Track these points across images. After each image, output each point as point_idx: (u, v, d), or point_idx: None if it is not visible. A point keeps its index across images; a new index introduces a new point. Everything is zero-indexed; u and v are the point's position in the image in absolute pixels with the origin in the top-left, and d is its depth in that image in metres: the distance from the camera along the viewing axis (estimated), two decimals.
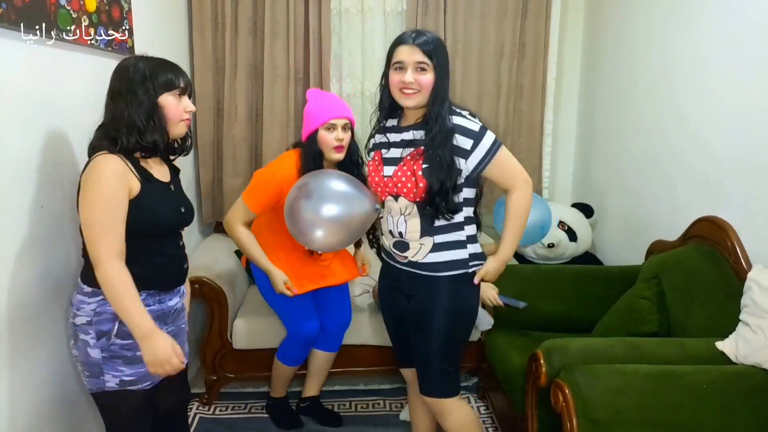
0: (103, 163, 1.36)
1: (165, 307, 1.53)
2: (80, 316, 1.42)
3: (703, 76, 2.12)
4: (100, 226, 1.34)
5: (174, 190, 1.58)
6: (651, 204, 2.48)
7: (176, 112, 1.47)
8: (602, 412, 1.52)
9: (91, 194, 1.35)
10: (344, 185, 1.72)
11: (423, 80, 1.55)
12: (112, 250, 1.34)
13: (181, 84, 1.47)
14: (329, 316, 2.33)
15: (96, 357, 1.42)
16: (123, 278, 1.34)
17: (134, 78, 1.40)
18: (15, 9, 1.40)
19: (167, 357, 1.37)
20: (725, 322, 1.73)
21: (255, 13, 2.84)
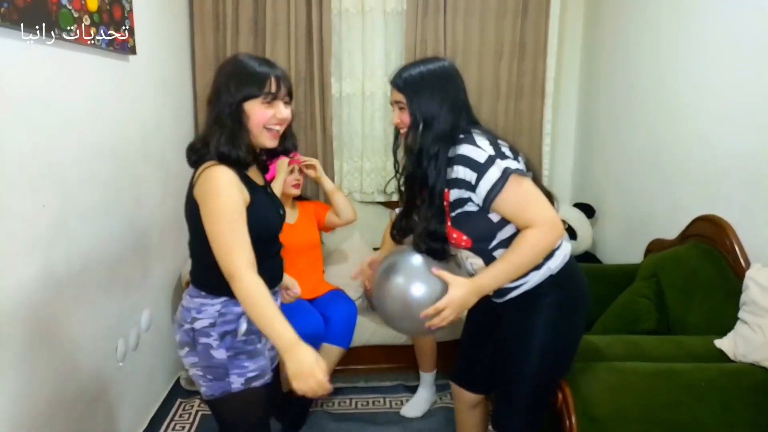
0: (219, 175, 1.30)
1: None
2: (201, 320, 1.38)
3: (703, 75, 2.13)
4: (230, 238, 1.28)
5: (270, 192, 1.53)
6: (650, 203, 2.49)
7: (260, 119, 1.35)
8: (601, 409, 1.53)
9: (213, 208, 1.29)
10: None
11: (404, 118, 1.45)
12: (245, 261, 1.28)
13: (270, 89, 1.34)
14: (332, 309, 2.39)
15: (221, 358, 1.38)
16: (262, 289, 1.28)
17: (225, 78, 1.34)
18: (17, 8, 1.41)
19: (312, 370, 1.26)
20: (724, 321, 1.73)
21: (256, 13, 2.84)
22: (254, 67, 1.34)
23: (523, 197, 1.36)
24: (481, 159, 1.35)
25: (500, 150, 1.38)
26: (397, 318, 1.52)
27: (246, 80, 1.33)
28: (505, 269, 1.39)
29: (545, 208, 1.38)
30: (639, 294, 2.03)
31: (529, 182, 1.39)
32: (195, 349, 1.40)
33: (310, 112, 2.94)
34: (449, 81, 1.44)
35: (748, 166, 1.87)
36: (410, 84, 1.44)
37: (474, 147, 1.37)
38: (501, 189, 1.34)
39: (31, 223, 1.53)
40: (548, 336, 1.46)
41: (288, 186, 2.37)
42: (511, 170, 1.34)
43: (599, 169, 3.01)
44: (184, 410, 2.47)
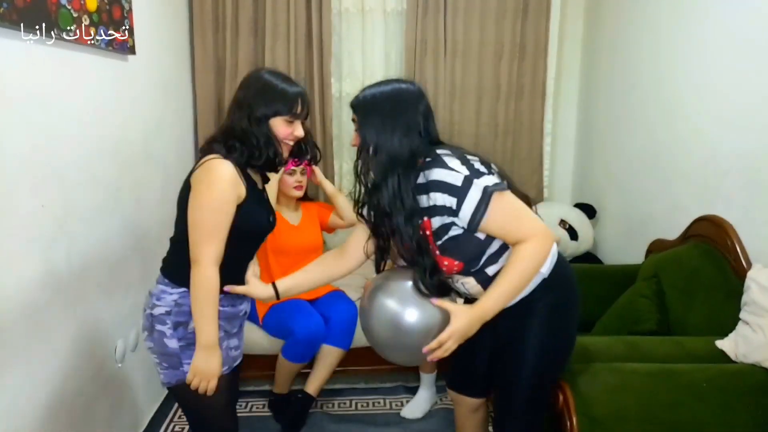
0: (218, 168, 1.36)
1: (236, 310, 1.55)
2: (159, 306, 1.44)
3: (703, 75, 2.12)
4: (207, 229, 1.35)
5: (265, 199, 1.59)
6: (650, 203, 2.48)
7: (281, 135, 1.45)
8: (602, 410, 1.52)
9: (204, 196, 1.36)
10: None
11: (357, 138, 1.40)
12: (213, 255, 1.36)
13: (297, 110, 1.44)
14: (332, 309, 2.39)
15: (173, 347, 1.43)
16: (215, 285, 1.36)
17: (253, 92, 1.42)
18: (16, 9, 1.40)
19: (213, 374, 1.40)
20: (725, 321, 1.73)
21: (256, 13, 2.84)
22: (284, 87, 1.43)
23: (509, 213, 1.32)
24: (458, 182, 1.29)
25: (474, 168, 1.32)
26: (386, 345, 1.45)
27: (277, 99, 1.42)
28: (507, 290, 1.34)
29: (533, 219, 1.35)
30: (640, 294, 2.03)
31: (510, 195, 1.34)
32: (152, 334, 1.45)
33: (310, 112, 2.93)
34: (403, 104, 1.36)
35: (748, 166, 1.87)
36: (362, 105, 1.39)
37: (447, 170, 1.30)
38: (485, 211, 1.29)
39: (31, 223, 1.53)
40: (544, 338, 1.45)
41: (290, 188, 2.38)
42: (491, 189, 1.29)
43: (600, 169, 3.01)
44: None
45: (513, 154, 3.12)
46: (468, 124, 3.03)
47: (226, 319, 1.51)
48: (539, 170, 3.17)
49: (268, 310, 2.41)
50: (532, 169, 3.15)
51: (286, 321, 2.32)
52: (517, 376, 1.48)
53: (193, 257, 1.36)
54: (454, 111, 3.01)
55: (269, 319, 2.40)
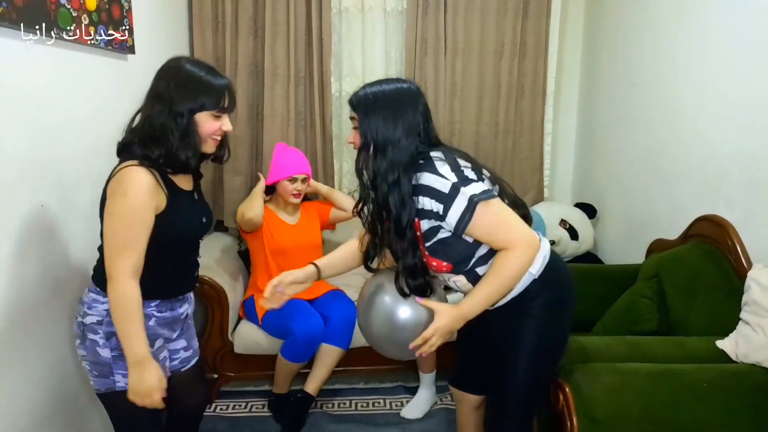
0: (132, 177, 1.31)
1: (176, 314, 1.54)
2: (91, 315, 1.41)
3: (704, 75, 2.12)
4: (122, 241, 1.31)
5: (197, 198, 1.54)
6: (651, 203, 2.48)
7: (209, 130, 1.40)
8: (602, 411, 1.52)
9: (117, 208, 1.31)
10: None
11: (357, 138, 1.41)
12: (129, 268, 1.31)
13: (224, 104, 1.40)
14: (331, 309, 2.40)
15: (106, 356, 1.41)
16: (134, 299, 1.31)
17: (177, 85, 1.35)
18: (15, 8, 1.40)
19: (152, 390, 1.34)
20: (725, 321, 1.73)
21: (255, 12, 2.83)
22: (209, 80, 1.36)
23: (494, 222, 1.33)
24: (445, 189, 1.31)
25: (463, 175, 1.33)
26: (382, 340, 1.51)
27: (203, 92, 1.35)
28: (488, 293, 1.38)
29: (517, 229, 1.36)
30: (640, 294, 2.03)
31: (497, 203, 1.35)
32: (84, 343, 1.43)
33: (310, 111, 2.93)
34: (404, 104, 1.38)
35: (749, 166, 1.87)
36: (363, 103, 1.39)
37: (436, 176, 1.32)
38: (470, 219, 1.31)
39: (30, 223, 1.53)
40: (538, 338, 1.45)
41: (289, 195, 2.45)
42: (478, 198, 1.30)
43: (600, 168, 3.01)
44: None
45: (513, 153, 3.11)
46: (468, 124, 3.02)
47: (166, 324, 1.50)
48: (540, 170, 3.16)
49: (268, 310, 2.41)
50: (533, 169, 3.14)
51: (285, 321, 2.32)
52: (513, 376, 1.48)
53: (107, 273, 1.31)
54: (455, 110, 3.00)
55: (268, 319, 2.40)
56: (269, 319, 2.40)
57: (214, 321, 2.43)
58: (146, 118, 1.37)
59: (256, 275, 2.53)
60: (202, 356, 2.47)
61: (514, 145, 3.09)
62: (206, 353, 2.47)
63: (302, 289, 1.59)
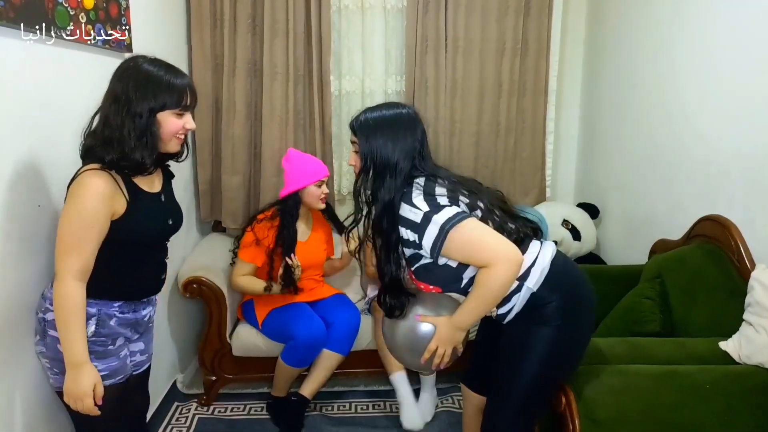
0: (89, 182, 1.32)
1: (138, 316, 1.53)
2: (53, 312, 1.39)
3: (706, 75, 2.11)
4: (70, 242, 1.32)
5: (164, 200, 1.53)
6: (654, 203, 2.47)
7: (172, 129, 1.40)
8: (604, 412, 1.51)
9: (70, 209, 1.32)
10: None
11: (357, 160, 1.49)
12: (75, 269, 1.32)
13: (186, 102, 1.40)
14: (334, 314, 2.38)
15: None
16: (77, 300, 1.32)
17: (135, 85, 1.34)
18: (13, 6, 1.39)
19: (85, 394, 1.34)
20: (728, 322, 1.72)
21: (254, 10, 2.82)
22: (171, 79, 1.37)
23: (468, 243, 1.37)
24: (417, 219, 1.37)
25: (435, 203, 1.38)
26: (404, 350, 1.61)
27: (162, 91, 1.35)
28: (475, 307, 1.44)
29: (493, 247, 1.37)
30: (643, 295, 2.02)
31: (470, 224, 1.37)
32: (44, 339, 1.42)
33: (309, 110, 2.92)
34: (403, 129, 1.45)
35: (752, 166, 1.86)
36: (364, 127, 1.46)
37: (409, 207, 1.39)
38: (442, 245, 1.36)
39: (28, 223, 1.52)
40: (550, 345, 1.45)
41: (317, 200, 2.37)
42: (449, 224, 1.35)
43: (602, 168, 2.99)
44: (181, 414, 2.45)
45: (515, 152, 3.09)
46: (469, 123, 3.00)
47: (128, 325, 1.49)
48: (542, 169, 3.14)
49: (268, 314, 2.39)
50: (535, 168, 3.13)
51: (286, 325, 2.29)
52: (513, 381, 1.49)
53: (56, 271, 1.33)
54: (456, 109, 2.98)
55: (269, 323, 2.37)
56: (270, 323, 2.37)
57: (212, 323, 2.41)
58: (103, 120, 1.37)
59: None
60: (200, 358, 2.48)
61: (515, 144, 3.08)
62: (205, 355, 2.46)
63: None
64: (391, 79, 3.02)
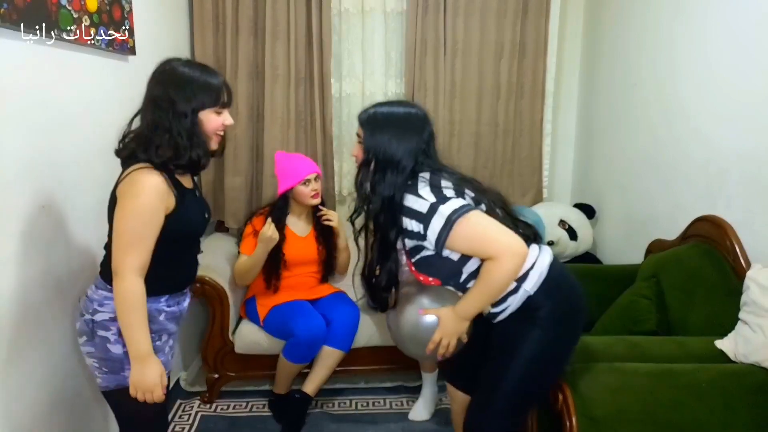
0: (145, 180, 1.34)
1: (182, 308, 1.56)
2: (102, 312, 1.41)
3: (703, 75, 2.12)
4: (130, 238, 1.34)
5: (198, 195, 1.58)
6: (650, 203, 2.48)
7: (213, 127, 1.44)
8: (602, 410, 1.52)
9: (128, 207, 1.34)
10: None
11: (359, 151, 1.50)
12: (135, 265, 1.34)
13: (224, 99, 1.44)
14: (334, 311, 2.40)
15: (117, 352, 1.41)
16: (139, 295, 1.35)
17: (175, 87, 1.37)
18: (16, 9, 1.41)
19: (153, 385, 1.37)
20: (724, 321, 1.73)
21: (256, 13, 2.84)
22: (208, 78, 1.41)
23: (474, 235, 1.37)
24: (423, 209, 1.37)
25: (441, 195, 1.39)
26: (409, 343, 1.62)
27: (203, 90, 1.39)
28: (480, 298, 1.44)
29: (500, 239, 1.38)
30: (639, 294, 2.03)
31: (476, 216, 1.38)
32: (93, 339, 1.43)
33: (310, 112, 2.94)
34: (411, 128, 1.46)
35: (748, 167, 1.87)
36: (372, 121, 1.47)
37: (416, 197, 1.39)
38: (448, 235, 1.36)
39: (30, 223, 1.53)
40: (540, 347, 1.47)
41: (308, 197, 2.42)
42: (456, 215, 1.35)
43: (600, 169, 3.01)
44: (184, 411, 2.47)
45: (513, 153, 3.11)
46: (468, 124, 3.02)
47: (173, 319, 1.53)
48: (539, 170, 3.16)
49: (270, 311, 2.42)
50: (532, 169, 3.14)
51: (287, 322, 2.32)
52: (499, 381, 1.50)
53: (114, 268, 1.35)
54: (454, 110, 3.01)
55: (270, 320, 2.41)
56: (271, 320, 2.40)
57: (215, 321, 2.43)
58: (149, 124, 1.39)
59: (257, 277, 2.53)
60: (203, 356, 2.50)
61: (513, 145, 3.10)
62: (207, 353, 2.48)
63: None
64: (391, 82, 3.04)
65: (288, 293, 2.46)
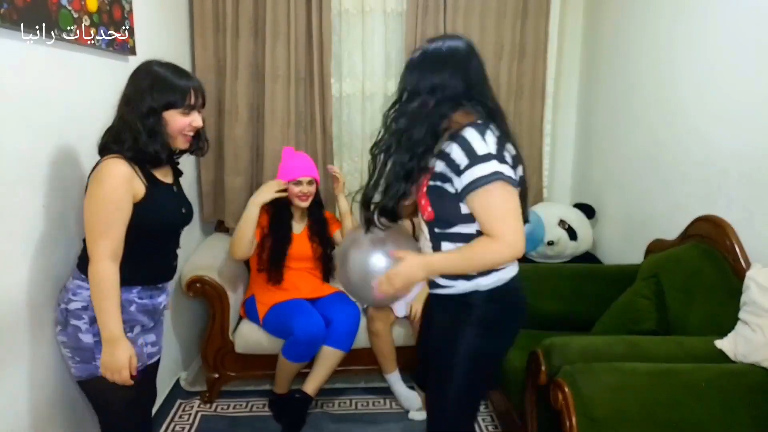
0: (110, 167, 1.41)
1: (155, 302, 1.59)
2: (75, 302, 1.46)
3: (703, 75, 2.12)
4: (100, 226, 1.39)
5: (176, 191, 1.63)
6: (650, 203, 2.48)
7: (178, 127, 1.50)
8: (601, 410, 1.52)
9: (95, 195, 1.40)
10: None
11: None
12: (107, 251, 1.39)
13: (190, 101, 1.50)
14: (334, 311, 2.41)
15: (88, 342, 1.46)
16: (112, 280, 1.40)
17: (144, 86, 1.45)
18: (16, 9, 1.41)
19: (122, 366, 1.42)
20: (724, 321, 1.73)
21: (256, 13, 2.84)
22: (175, 80, 1.47)
23: (496, 206, 1.33)
24: (480, 151, 1.32)
25: (501, 154, 1.35)
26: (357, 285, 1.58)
27: (168, 91, 1.45)
28: (455, 262, 1.40)
29: (512, 227, 1.34)
30: (639, 294, 2.03)
31: (512, 194, 1.35)
32: (66, 329, 1.48)
33: (310, 112, 2.94)
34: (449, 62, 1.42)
35: (748, 166, 1.87)
36: (412, 60, 1.45)
37: (479, 137, 1.33)
38: (480, 187, 1.31)
39: (31, 223, 1.53)
40: (474, 346, 1.45)
41: (294, 197, 2.45)
42: (500, 176, 1.31)
43: (599, 169, 3.01)
44: (184, 411, 2.47)
45: None
46: None
47: (145, 312, 1.55)
48: (539, 170, 3.17)
49: (269, 310, 2.42)
50: (532, 169, 3.14)
51: (286, 321, 2.33)
52: (447, 382, 1.49)
53: (89, 255, 1.40)
54: None
55: (270, 318, 2.41)
56: (270, 318, 2.41)
57: (215, 321, 2.44)
58: (119, 119, 1.48)
59: (257, 275, 2.53)
60: (203, 356, 2.50)
61: None
62: (207, 353, 2.48)
63: None
64: (391, 82, 3.04)
65: (288, 292, 2.46)
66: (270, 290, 2.48)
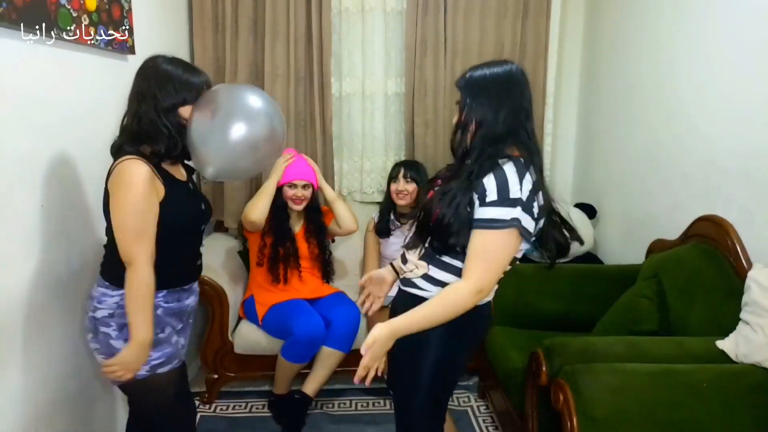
0: (132, 169, 1.38)
1: (183, 305, 1.58)
2: (102, 309, 1.46)
3: (704, 75, 2.12)
4: (134, 230, 1.38)
5: (192, 188, 1.62)
6: (651, 203, 2.48)
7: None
8: (602, 410, 1.52)
9: (125, 200, 1.38)
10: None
11: (456, 118, 1.47)
12: (147, 254, 1.39)
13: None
14: (334, 312, 2.41)
15: (119, 348, 1.44)
16: (151, 285, 1.40)
17: (160, 84, 1.44)
18: (16, 8, 1.41)
19: (136, 369, 1.43)
20: (725, 321, 1.73)
21: (255, 13, 2.84)
22: (190, 76, 1.46)
23: (492, 252, 1.33)
24: (513, 195, 1.32)
25: (531, 204, 1.34)
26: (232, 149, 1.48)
27: (182, 88, 1.44)
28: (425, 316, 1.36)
29: (488, 275, 1.34)
30: (640, 294, 2.03)
31: (514, 246, 1.35)
32: (97, 336, 1.47)
33: (310, 111, 2.93)
34: (512, 87, 1.43)
35: (749, 166, 1.87)
36: (471, 85, 1.44)
37: (517, 179, 1.33)
38: (493, 228, 1.31)
39: (31, 223, 1.53)
40: (440, 353, 1.46)
41: (288, 200, 2.48)
42: (518, 223, 1.31)
43: (600, 169, 3.01)
44: None
45: None
46: None
47: (174, 315, 1.55)
48: None
49: (268, 311, 2.42)
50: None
51: (285, 321, 2.32)
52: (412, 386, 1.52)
53: (126, 259, 1.38)
54: (455, 111, 2.99)
55: (269, 319, 2.41)
56: (270, 319, 2.40)
57: (214, 321, 2.43)
58: (134, 117, 1.45)
59: (255, 275, 2.53)
60: (202, 356, 2.50)
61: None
62: (206, 353, 2.48)
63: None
64: (391, 81, 3.03)
65: (287, 292, 2.46)
66: (269, 290, 2.48)
